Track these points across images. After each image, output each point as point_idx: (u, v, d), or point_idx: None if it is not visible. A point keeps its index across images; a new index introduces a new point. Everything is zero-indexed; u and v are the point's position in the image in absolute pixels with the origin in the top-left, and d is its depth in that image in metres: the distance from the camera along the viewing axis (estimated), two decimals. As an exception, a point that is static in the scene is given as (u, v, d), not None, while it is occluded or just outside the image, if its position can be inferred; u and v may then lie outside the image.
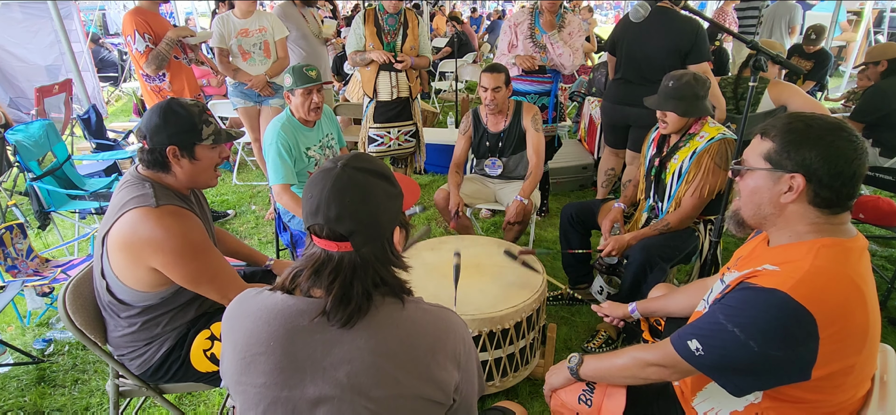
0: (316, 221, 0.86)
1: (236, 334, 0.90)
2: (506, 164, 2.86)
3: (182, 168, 1.43)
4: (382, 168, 0.92)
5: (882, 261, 3.15)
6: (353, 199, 0.85)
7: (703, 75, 2.08)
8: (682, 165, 2.09)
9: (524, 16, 3.09)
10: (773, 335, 0.97)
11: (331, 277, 0.86)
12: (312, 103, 2.35)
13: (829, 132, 1.00)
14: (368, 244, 0.87)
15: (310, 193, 0.88)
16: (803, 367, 0.97)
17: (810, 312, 0.94)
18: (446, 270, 1.99)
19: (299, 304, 0.88)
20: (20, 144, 3.08)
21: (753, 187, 1.10)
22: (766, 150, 1.07)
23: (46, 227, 3.42)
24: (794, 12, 5.93)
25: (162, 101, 1.41)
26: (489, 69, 2.66)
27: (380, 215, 0.88)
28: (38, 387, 2.15)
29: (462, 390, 0.95)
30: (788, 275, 0.98)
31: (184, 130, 1.40)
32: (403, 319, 0.89)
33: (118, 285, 1.38)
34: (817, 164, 1.00)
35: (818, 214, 1.04)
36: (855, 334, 0.98)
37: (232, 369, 0.90)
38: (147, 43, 2.84)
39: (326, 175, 0.87)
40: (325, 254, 0.87)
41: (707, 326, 1.07)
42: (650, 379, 1.20)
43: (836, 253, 1.00)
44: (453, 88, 6.08)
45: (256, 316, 0.89)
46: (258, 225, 3.69)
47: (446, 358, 0.90)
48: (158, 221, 1.32)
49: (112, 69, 7.98)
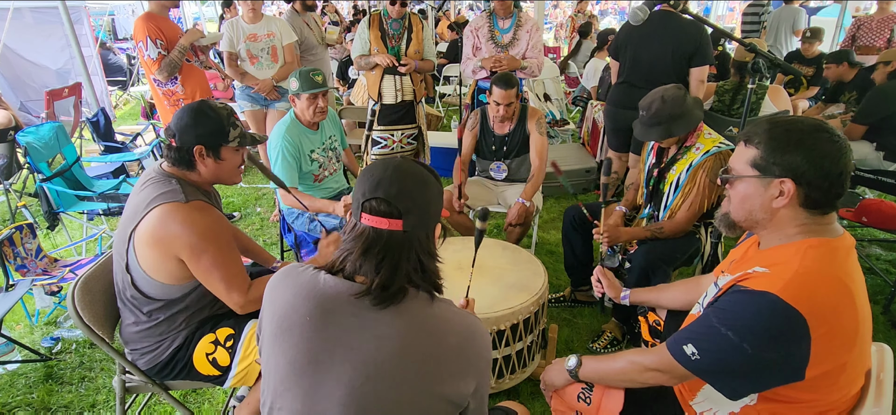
0: (375, 195, 0.90)
1: (277, 302, 0.94)
2: (510, 166, 2.88)
3: (206, 167, 1.48)
4: (434, 171, 1.00)
5: (886, 264, 3.13)
6: (415, 181, 0.93)
7: (676, 90, 2.01)
8: (679, 176, 2.09)
9: (483, 20, 3.18)
10: (765, 337, 0.97)
11: (379, 255, 0.90)
12: (318, 108, 2.38)
13: (811, 134, 1.02)
14: (418, 227, 0.92)
15: (369, 173, 0.93)
16: (797, 367, 0.98)
17: (801, 312, 0.94)
18: (449, 270, 2.01)
19: (339, 286, 0.91)
20: (30, 145, 3.14)
21: (744, 194, 1.11)
22: (751, 156, 1.08)
23: (55, 227, 3.48)
24: (799, 16, 5.90)
25: (194, 103, 1.47)
26: (502, 83, 2.58)
27: (432, 206, 0.95)
28: (46, 384, 2.19)
29: (478, 394, 0.97)
30: (778, 277, 0.99)
31: (212, 132, 1.45)
32: (433, 315, 0.93)
33: (145, 279, 1.42)
34: (805, 166, 1.01)
35: (807, 216, 1.05)
36: (846, 332, 0.99)
37: (267, 335, 0.94)
38: (159, 49, 2.88)
39: (388, 162, 0.94)
40: (374, 232, 0.90)
41: (702, 330, 1.08)
42: (649, 383, 1.20)
43: (824, 253, 1.01)
44: (457, 92, 6.11)
45: (297, 290, 0.93)
46: (263, 226, 3.72)
47: (468, 363, 0.93)
48: (188, 215, 1.37)
49: (120, 73, 8.07)
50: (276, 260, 1.95)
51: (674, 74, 2.79)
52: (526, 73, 3.16)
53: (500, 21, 3.15)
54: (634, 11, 1.84)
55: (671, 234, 2.12)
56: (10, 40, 5.65)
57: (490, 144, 2.85)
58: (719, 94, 3.60)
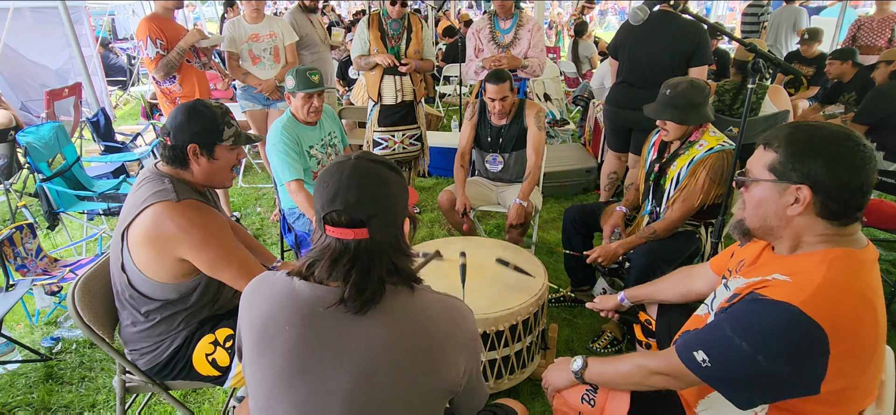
0: (333, 208, 0.86)
1: (254, 313, 0.92)
2: (507, 160, 2.87)
3: (200, 166, 1.47)
4: (391, 162, 0.96)
5: (886, 265, 3.14)
6: (372, 183, 0.88)
7: (702, 82, 2.07)
8: (680, 171, 2.09)
9: (484, 22, 3.23)
10: (781, 351, 0.93)
11: (347, 266, 0.87)
12: (312, 107, 2.40)
13: (835, 142, 0.97)
14: (384, 230, 0.88)
15: (325, 182, 0.89)
16: (812, 382, 0.94)
17: (822, 327, 0.90)
18: (450, 269, 2.01)
19: (316, 291, 0.89)
20: (31, 145, 3.14)
21: (759, 199, 1.07)
22: (770, 160, 1.04)
23: (55, 227, 3.47)
24: (799, 16, 5.88)
25: (189, 102, 1.47)
26: (493, 78, 2.61)
27: (396, 204, 0.91)
28: (46, 384, 2.19)
29: (469, 375, 0.96)
30: (800, 287, 0.95)
31: (206, 130, 1.45)
32: (415, 308, 0.91)
33: (141, 279, 1.42)
34: (823, 175, 0.97)
35: (827, 226, 1.01)
36: (865, 349, 0.95)
37: (248, 348, 0.92)
38: (158, 49, 2.89)
39: (342, 166, 0.89)
40: (340, 244, 0.87)
41: (714, 337, 1.04)
42: (656, 387, 1.17)
43: (849, 265, 0.97)
44: (457, 92, 6.10)
45: (273, 299, 0.90)
46: (263, 226, 3.72)
47: (457, 347, 0.92)
48: (181, 214, 1.37)
49: (120, 73, 8.07)
50: (276, 259, 1.95)
51: (673, 74, 2.78)
52: (527, 72, 3.17)
53: (501, 22, 3.18)
54: (634, 11, 1.84)
55: (665, 233, 2.12)
56: (11, 40, 5.65)
57: (486, 135, 2.85)
58: (720, 94, 3.60)
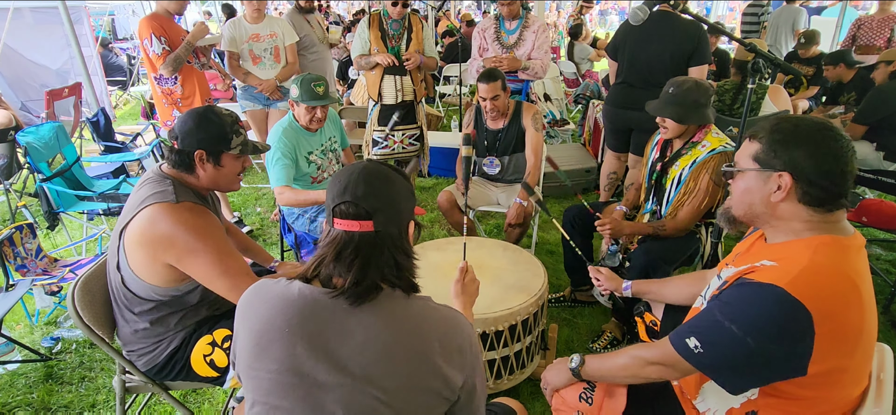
0: (343, 199, 0.92)
1: (252, 320, 0.94)
2: (503, 163, 2.87)
3: (206, 172, 1.48)
4: (401, 170, 1.02)
5: (886, 264, 3.13)
6: (380, 181, 0.95)
7: (707, 83, 2.08)
8: (682, 172, 2.10)
9: (490, 22, 3.27)
10: (769, 331, 0.97)
11: (351, 256, 0.91)
12: (315, 118, 2.39)
13: (816, 131, 1.03)
14: (389, 225, 0.93)
15: (337, 178, 0.96)
16: (799, 363, 0.98)
17: (806, 307, 0.94)
18: (451, 269, 2.01)
19: (315, 293, 0.91)
20: (31, 145, 3.14)
21: (744, 188, 1.13)
22: (754, 151, 1.10)
23: (55, 227, 3.48)
24: (799, 16, 5.89)
25: (200, 107, 1.47)
26: (484, 78, 2.62)
27: (401, 202, 0.97)
28: (46, 384, 2.19)
29: (467, 387, 0.97)
30: (786, 270, 0.99)
31: (214, 137, 1.45)
32: (413, 313, 0.93)
33: (134, 279, 1.42)
34: (805, 162, 1.02)
35: (812, 212, 1.05)
36: (850, 332, 0.99)
37: (245, 355, 0.93)
38: (164, 45, 2.91)
39: (354, 166, 0.97)
40: (346, 235, 0.92)
41: (705, 323, 1.08)
42: (651, 378, 1.20)
43: (835, 250, 1.01)
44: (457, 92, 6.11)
45: (272, 304, 0.92)
46: (263, 226, 3.72)
47: (453, 354, 0.93)
48: (177, 216, 1.36)
49: (120, 73, 8.08)
50: (275, 260, 1.95)
51: (672, 74, 2.79)
52: (529, 74, 3.17)
53: (506, 23, 3.21)
54: (634, 11, 1.84)
55: (673, 232, 2.12)
56: (11, 40, 5.65)
57: (483, 139, 2.86)
58: (720, 94, 3.60)
